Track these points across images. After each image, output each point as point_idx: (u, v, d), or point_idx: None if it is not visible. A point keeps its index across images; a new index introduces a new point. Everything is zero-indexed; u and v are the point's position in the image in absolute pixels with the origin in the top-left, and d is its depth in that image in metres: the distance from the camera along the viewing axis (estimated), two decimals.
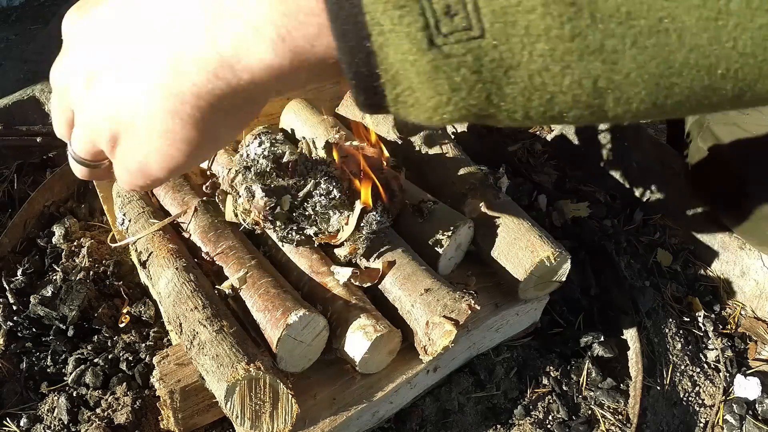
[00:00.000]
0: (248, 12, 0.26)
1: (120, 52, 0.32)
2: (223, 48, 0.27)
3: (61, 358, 0.74)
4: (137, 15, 0.31)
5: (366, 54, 0.24)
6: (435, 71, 0.23)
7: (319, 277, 0.63)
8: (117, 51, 0.32)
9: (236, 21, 0.26)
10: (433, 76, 0.24)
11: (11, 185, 1.00)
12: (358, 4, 0.23)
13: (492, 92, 0.24)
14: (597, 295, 0.87)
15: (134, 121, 0.33)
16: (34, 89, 1.14)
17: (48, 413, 0.69)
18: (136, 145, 0.34)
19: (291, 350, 0.57)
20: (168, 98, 0.30)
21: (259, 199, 0.61)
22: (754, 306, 0.90)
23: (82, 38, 0.35)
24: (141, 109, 0.32)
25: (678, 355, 0.83)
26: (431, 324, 0.58)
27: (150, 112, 0.31)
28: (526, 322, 0.77)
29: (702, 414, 0.78)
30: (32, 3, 1.77)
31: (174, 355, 0.60)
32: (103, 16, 0.34)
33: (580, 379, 0.77)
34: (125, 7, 0.33)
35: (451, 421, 0.70)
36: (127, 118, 0.33)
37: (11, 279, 0.82)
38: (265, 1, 0.25)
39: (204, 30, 0.27)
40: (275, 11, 0.25)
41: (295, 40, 0.26)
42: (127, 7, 0.32)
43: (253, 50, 0.27)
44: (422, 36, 0.23)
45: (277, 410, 0.53)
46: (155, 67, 0.30)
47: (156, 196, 0.76)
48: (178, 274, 0.61)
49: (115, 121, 0.34)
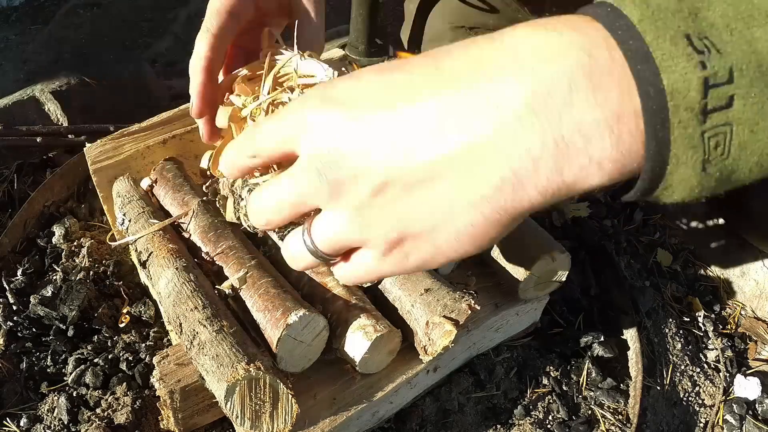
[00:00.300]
0: (594, 149, 0.30)
1: (438, 164, 0.33)
2: (568, 178, 0.31)
3: (61, 358, 0.74)
4: (454, 121, 0.32)
5: (658, 178, 0.31)
6: (699, 183, 0.31)
7: (319, 277, 0.63)
8: (431, 162, 0.33)
9: (583, 157, 0.30)
10: (695, 184, 0.31)
11: (11, 185, 1.00)
12: (668, 147, 0.29)
13: (731, 178, 0.31)
14: (597, 295, 0.87)
15: (439, 227, 0.35)
16: (34, 89, 1.14)
17: (48, 413, 0.69)
18: (428, 248, 0.36)
19: (291, 350, 0.57)
20: (495, 211, 0.33)
21: None
22: (754, 306, 0.90)
23: (366, 135, 0.35)
24: (456, 219, 0.34)
25: (678, 355, 0.83)
26: (431, 324, 0.58)
27: (466, 223, 0.34)
28: (526, 322, 0.77)
29: (702, 414, 0.78)
30: (32, 3, 1.77)
31: (174, 355, 0.60)
32: (399, 107, 0.34)
33: (580, 379, 0.77)
34: (445, 110, 0.33)
35: (451, 421, 0.70)
36: (428, 226, 0.35)
37: (11, 279, 0.83)
38: (608, 142, 0.30)
39: (553, 162, 0.31)
40: (616, 151, 0.30)
41: (618, 175, 0.31)
42: (445, 109, 0.33)
43: (589, 180, 0.31)
44: (700, 166, 0.30)
45: (277, 410, 0.53)
46: (487, 186, 0.32)
47: (156, 196, 0.76)
48: (178, 274, 0.61)
49: (411, 227, 0.36)
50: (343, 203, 0.37)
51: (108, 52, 1.31)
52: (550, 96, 0.30)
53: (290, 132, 0.38)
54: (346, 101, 0.36)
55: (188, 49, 0.61)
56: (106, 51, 1.34)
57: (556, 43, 0.30)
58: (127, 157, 0.79)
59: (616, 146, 0.30)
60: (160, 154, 0.81)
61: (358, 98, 0.36)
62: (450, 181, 0.33)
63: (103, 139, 0.79)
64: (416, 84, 0.34)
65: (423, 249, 0.37)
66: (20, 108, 1.11)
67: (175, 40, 1.57)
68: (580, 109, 0.30)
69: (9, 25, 1.67)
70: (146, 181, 0.76)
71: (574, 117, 0.30)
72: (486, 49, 0.32)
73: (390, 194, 0.35)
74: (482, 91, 0.31)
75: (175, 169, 0.77)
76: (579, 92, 0.29)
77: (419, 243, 0.36)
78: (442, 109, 0.32)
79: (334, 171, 0.36)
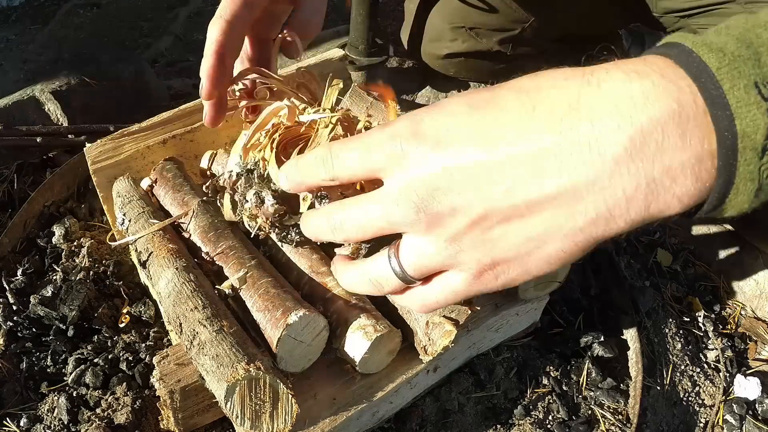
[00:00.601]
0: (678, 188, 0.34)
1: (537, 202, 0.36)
2: (653, 211, 0.35)
3: (61, 358, 0.74)
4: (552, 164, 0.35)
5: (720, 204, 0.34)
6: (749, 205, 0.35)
7: (319, 277, 0.63)
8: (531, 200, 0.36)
9: (669, 195, 0.34)
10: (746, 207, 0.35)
11: (11, 185, 1.00)
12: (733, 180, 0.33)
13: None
14: (597, 295, 0.87)
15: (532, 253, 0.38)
16: (34, 89, 1.14)
17: (48, 413, 0.69)
18: (517, 270, 0.39)
19: (291, 350, 0.57)
20: (586, 240, 0.37)
21: (269, 206, 0.60)
22: (754, 306, 0.90)
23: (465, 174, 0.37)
24: (549, 246, 0.37)
25: (678, 355, 0.83)
26: (431, 324, 0.58)
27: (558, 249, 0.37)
28: (526, 322, 0.77)
29: (702, 414, 0.78)
30: (32, 3, 1.77)
31: (174, 355, 0.60)
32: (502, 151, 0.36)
33: (580, 379, 0.77)
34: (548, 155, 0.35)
35: (451, 421, 0.70)
36: (522, 252, 0.38)
37: (11, 279, 0.83)
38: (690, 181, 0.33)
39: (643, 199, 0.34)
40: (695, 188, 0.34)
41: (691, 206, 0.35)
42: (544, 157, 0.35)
43: (669, 212, 0.35)
44: (754, 193, 0.34)
45: (277, 410, 0.53)
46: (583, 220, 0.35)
47: (156, 196, 0.76)
48: (178, 274, 0.61)
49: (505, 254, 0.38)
50: (437, 233, 0.39)
51: (108, 52, 1.31)
52: (645, 143, 0.33)
53: (380, 163, 0.40)
54: (442, 138, 0.38)
55: (188, 49, 0.62)
56: (106, 51, 1.34)
57: (650, 91, 0.33)
58: (127, 157, 0.79)
59: (695, 184, 0.34)
60: (160, 154, 0.81)
61: (454, 135, 0.37)
62: (547, 215, 0.36)
63: (103, 139, 0.79)
64: (515, 124, 0.36)
65: (513, 271, 0.40)
66: (20, 108, 1.11)
67: (175, 40, 1.57)
68: (670, 154, 0.33)
69: (9, 25, 1.67)
70: (146, 181, 0.76)
71: (665, 161, 0.33)
72: (584, 93, 0.34)
73: (487, 225, 0.37)
74: (584, 136, 0.34)
75: (175, 169, 0.77)
76: (669, 138, 0.33)
77: (510, 266, 0.39)
78: (544, 152, 0.35)
79: (432, 206, 0.38)
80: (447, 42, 1.20)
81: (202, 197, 0.71)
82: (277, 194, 0.60)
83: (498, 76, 1.27)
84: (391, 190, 0.40)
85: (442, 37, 1.20)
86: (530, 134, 0.35)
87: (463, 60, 1.22)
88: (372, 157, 0.41)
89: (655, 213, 0.35)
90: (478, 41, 1.18)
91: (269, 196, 0.60)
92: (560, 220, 0.36)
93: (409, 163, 0.39)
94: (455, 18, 1.17)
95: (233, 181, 0.64)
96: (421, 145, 0.38)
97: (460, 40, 1.18)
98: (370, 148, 0.41)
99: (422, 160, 0.38)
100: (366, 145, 0.41)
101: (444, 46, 1.21)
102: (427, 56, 1.26)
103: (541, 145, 0.35)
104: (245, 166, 0.63)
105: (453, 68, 1.25)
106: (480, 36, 1.17)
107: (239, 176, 0.63)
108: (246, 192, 0.62)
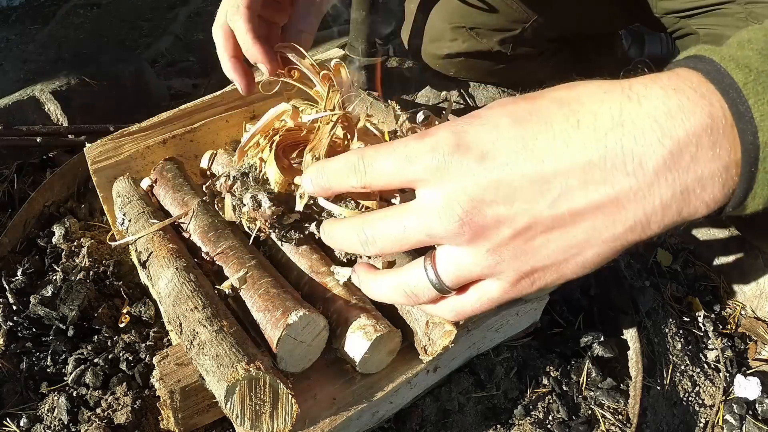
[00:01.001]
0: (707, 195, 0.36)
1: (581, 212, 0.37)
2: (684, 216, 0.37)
3: (61, 358, 0.74)
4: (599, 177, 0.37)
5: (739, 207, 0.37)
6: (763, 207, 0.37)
7: (319, 277, 0.63)
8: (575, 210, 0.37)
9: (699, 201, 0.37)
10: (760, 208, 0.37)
11: (11, 185, 1.00)
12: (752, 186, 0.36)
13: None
14: (597, 295, 0.87)
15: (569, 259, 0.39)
16: (34, 89, 1.14)
17: (48, 413, 0.69)
18: (553, 276, 0.41)
19: (291, 350, 0.57)
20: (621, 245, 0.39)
21: (266, 208, 0.60)
22: (754, 306, 0.90)
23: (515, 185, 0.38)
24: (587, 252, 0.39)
25: (678, 355, 0.83)
26: (431, 324, 0.58)
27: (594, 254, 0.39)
28: (526, 322, 0.77)
29: (702, 414, 0.78)
30: (32, 3, 1.77)
31: (174, 355, 0.60)
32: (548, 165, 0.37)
33: (580, 379, 0.77)
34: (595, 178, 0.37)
35: (451, 421, 0.70)
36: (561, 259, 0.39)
37: (11, 279, 0.83)
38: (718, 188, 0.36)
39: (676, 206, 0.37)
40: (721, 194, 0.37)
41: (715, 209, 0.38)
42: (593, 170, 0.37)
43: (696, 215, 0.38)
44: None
45: (277, 410, 0.53)
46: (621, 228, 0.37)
47: (156, 196, 0.76)
48: (178, 274, 0.61)
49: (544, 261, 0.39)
50: (479, 244, 0.40)
51: (108, 52, 1.31)
52: (681, 155, 0.35)
53: (419, 174, 0.40)
54: (488, 151, 0.38)
55: (188, 49, 0.62)
56: (106, 51, 1.34)
57: (686, 106, 0.35)
58: (127, 157, 0.79)
59: (721, 190, 0.36)
60: (160, 154, 0.81)
61: (499, 149, 0.38)
62: (589, 224, 0.38)
63: (103, 139, 0.79)
64: (561, 138, 0.37)
65: (549, 277, 0.41)
66: (20, 108, 1.11)
67: (175, 40, 1.57)
68: (702, 164, 0.35)
69: (9, 25, 1.67)
70: (146, 181, 0.76)
71: (698, 171, 0.36)
72: (626, 108, 0.36)
73: (530, 236, 0.39)
74: (628, 150, 0.36)
75: (175, 169, 0.77)
76: (702, 150, 0.35)
77: (547, 272, 0.41)
78: (590, 165, 0.36)
79: (477, 218, 0.39)
80: (447, 42, 1.20)
81: (202, 197, 0.71)
82: (273, 196, 0.60)
83: (498, 76, 1.27)
84: (431, 203, 0.40)
85: (442, 37, 1.20)
86: (576, 148, 0.37)
87: (463, 60, 1.22)
88: (411, 167, 0.41)
89: (685, 217, 0.37)
90: (478, 41, 1.18)
91: (266, 199, 0.60)
92: (601, 229, 0.38)
93: (452, 176, 0.39)
94: (455, 18, 1.17)
95: (230, 185, 0.64)
96: (465, 157, 0.38)
97: (460, 40, 1.18)
98: (410, 159, 0.41)
99: (467, 173, 0.38)
100: (404, 155, 0.41)
101: (444, 46, 1.21)
102: (427, 56, 1.26)
103: (588, 159, 0.36)
104: (241, 170, 0.63)
105: (453, 68, 1.25)
106: (480, 36, 1.17)
107: (235, 179, 0.63)
108: (243, 195, 0.62)
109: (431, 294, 0.45)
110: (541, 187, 0.37)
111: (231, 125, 0.86)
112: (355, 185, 0.45)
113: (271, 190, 0.61)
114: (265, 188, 0.61)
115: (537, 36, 1.17)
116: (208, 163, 0.79)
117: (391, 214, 0.43)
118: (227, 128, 0.86)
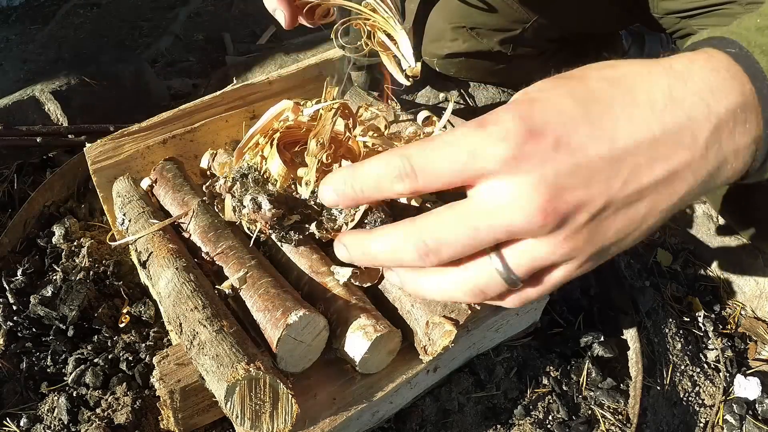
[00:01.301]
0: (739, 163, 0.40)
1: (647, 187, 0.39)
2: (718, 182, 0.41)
3: (61, 358, 0.74)
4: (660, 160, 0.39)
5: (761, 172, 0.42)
6: None
7: (319, 277, 0.63)
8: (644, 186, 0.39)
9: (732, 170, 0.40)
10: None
11: (11, 185, 1.00)
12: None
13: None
14: (597, 295, 0.87)
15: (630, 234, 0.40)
16: (34, 89, 1.14)
17: (48, 413, 0.69)
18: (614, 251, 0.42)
19: (291, 350, 0.57)
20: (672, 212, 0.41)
21: (266, 211, 0.60)
22: (754, 306, 0.90)
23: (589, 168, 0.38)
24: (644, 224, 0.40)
25: (678, 355, 0.83)
26: (431, 324, 0.58)
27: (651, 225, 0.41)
28: (526, 322, 0.77)
29: (702, 414, 0.78)
30: (32, 3, 1.77)
31: (174, 355, 0.60)
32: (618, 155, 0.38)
33: (580, 379, 0.77)
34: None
35: (451, 421, 0.70)
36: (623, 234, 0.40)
37: (11, 279, 0.83)
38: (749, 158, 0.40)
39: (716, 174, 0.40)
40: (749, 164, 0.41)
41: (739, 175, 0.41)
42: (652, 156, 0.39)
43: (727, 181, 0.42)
44: None
45: (277, 410, 0.53)
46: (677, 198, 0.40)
47: (156, 196, 0.76)
48: (178, 274, 0.61)
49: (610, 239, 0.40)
50: (557, 233, 0.38)
51: (108, 52, 1.31)
52: (722, 129, 0.39)
53: (490, 167, 0.37)
54: (561, 136, 0.37)
55: (188, 49, 0.62)
56: (106, 51, 1.34)
57: (724, 84, 0.39)
58: (127, 157, 0.79)
59: (750, 160, 0.40)
60: (160, 154, 0.81)
61: (571, 133, 0.38)
62: (651, 198, 0.39)
63: (103, 139, 0.79)
64: (622, 117, 0.38)
65: (611, 252, 0.42)
66: (20, 108, 1.11)
67: (175, 40, 1.57)
68: (738, 137, 0.39)
69: (9, 25, 1.68)
70: (146, 181, 0.76)
71: (734, 143, 0.39)
72: (673, 86, 0.39)
73: (603, 217, 0.39)
74: (683, 126, 0.38)
75: (175, 169, 0.77)
76: (738, 125, 0.39)
77: (610, 249, 0.41)
78: (655, 141, 0.38)
79: (559, 206, 0.37)
80: (447, 42, 1.20)
81: (202, 197, 0.71)
82: (273, 197, 0.60)
83: (498, 76, 1.27)
84: (507, 196, 0.37)
85: (443, 37, 1.20)
86: (640, 126, 0.38)
87: (464, 60, 1.22)
88: (478, 162, 0.37)
89: (718, 184, 0.41)
90: (478, 41, 1.17)
91: (266, 201, 0.60)
92: (660, 201, 0.39)
93: (529, 165, 0.36)
94: (456, 18, 1.17)
95: (229, 186, 0.64)
96: (540, 144, 0.37)
97: (460, 40, 1.18)
98: (475, 152, 0.37)
99: (544, 160, 0.36)
100: (466, 150, 0.38)
101: (444, 46, 1.20)
102: (427, 56, 1.25)
103: (652, 135, 0.38)
104: (240, 171, 0.63)
105: (453, 68, 1.25)
106: (481, 36, 1.17)
107: (234, 181, 0.63)
108: (243, 197, 0.62)
109: (501, 289, 0.42)
110: (616, 168, 0.38)
111: (231, 125, 0.86)
112: (402, 191, 0.40)
113: (271, 192, 0.61)
114: (265, 190, 0.61)
115: (537, 36, 1.17)
116: (208, 163, 0.79)
117: (450, 215, 0.39)
118: (227, 128, 0.86)
